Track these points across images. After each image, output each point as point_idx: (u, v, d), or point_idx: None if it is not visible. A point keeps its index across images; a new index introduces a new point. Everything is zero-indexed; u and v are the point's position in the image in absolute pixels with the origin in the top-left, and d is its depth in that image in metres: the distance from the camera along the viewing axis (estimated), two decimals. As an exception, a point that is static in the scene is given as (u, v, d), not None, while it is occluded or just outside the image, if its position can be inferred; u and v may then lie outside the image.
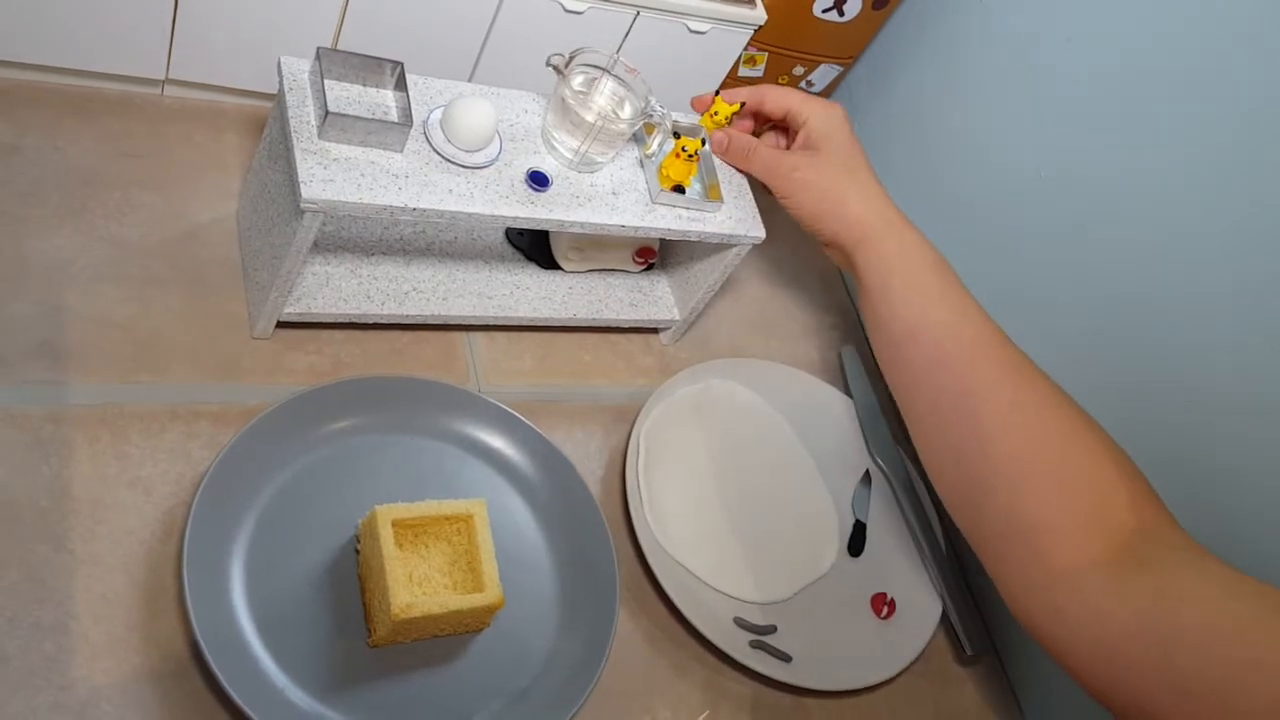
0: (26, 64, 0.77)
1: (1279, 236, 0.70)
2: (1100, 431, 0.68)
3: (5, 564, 0.61)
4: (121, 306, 0.72)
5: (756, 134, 0.84)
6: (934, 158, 0.96)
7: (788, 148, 0.82)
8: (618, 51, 0.86)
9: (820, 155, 0.78)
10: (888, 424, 0.94)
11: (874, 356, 0.78)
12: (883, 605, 0.83)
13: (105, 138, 0.78)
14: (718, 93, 0.81)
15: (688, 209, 0.78)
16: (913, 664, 0.81)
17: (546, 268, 0.86)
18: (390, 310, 0.77)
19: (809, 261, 1.05)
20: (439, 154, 0.70)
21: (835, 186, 0.77)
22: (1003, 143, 0.90)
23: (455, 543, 0.68)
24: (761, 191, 0.82)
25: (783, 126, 0.83)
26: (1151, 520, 0.64)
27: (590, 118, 0.72)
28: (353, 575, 0.68)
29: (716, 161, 0.82)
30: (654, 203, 0.77)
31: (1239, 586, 0.58)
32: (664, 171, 0.78)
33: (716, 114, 0.80)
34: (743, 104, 0.80)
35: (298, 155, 0.65)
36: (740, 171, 0.83)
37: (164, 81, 0.81)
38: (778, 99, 0.80)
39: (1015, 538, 0.66)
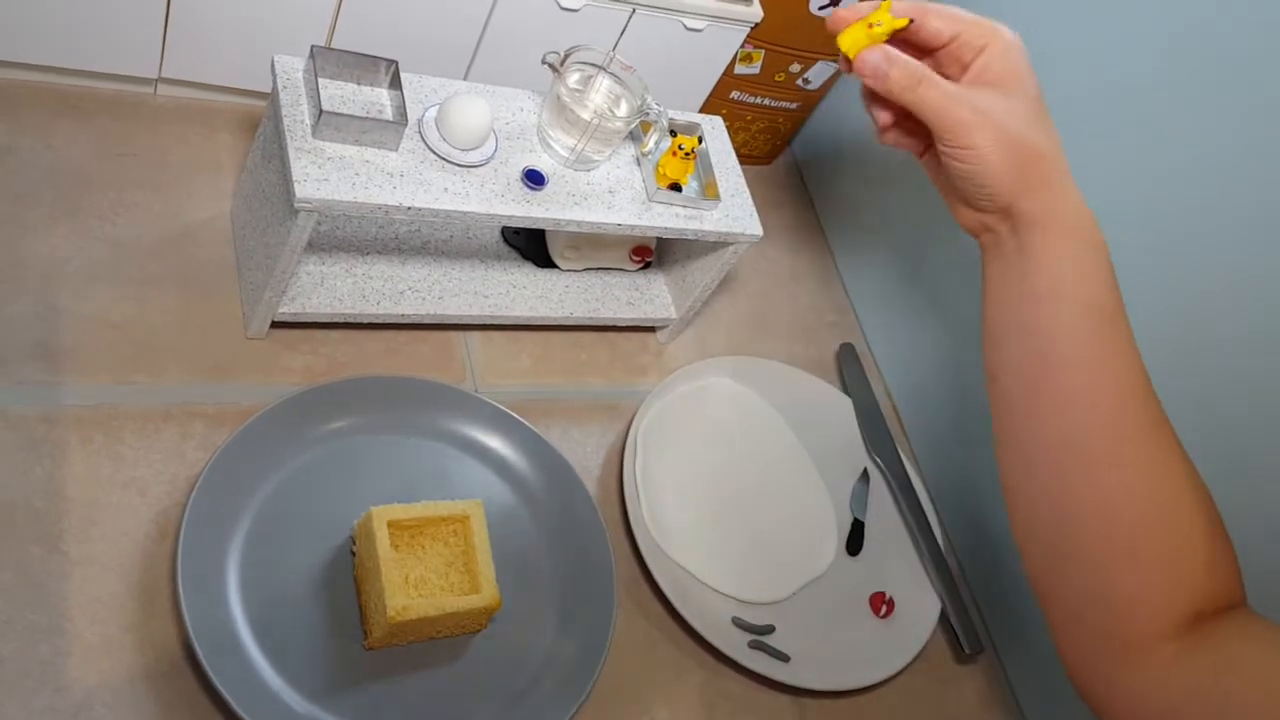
0: (19, 63, 0.76)
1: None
2: (1209, 501, 0.63)
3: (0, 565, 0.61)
4: (116, 307, 0.72)
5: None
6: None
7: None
8: (614, 49, 0.86)
9: (1010, 95, 0.61)
10: (886, 422, 0.94)
11: (986, 359, 0.66)
12: (881, 604, 0.83)
13: (99, 137, 0.78)
14: None
15: (684, 207, 0.78)
16: (912, 663, 0.81)
17: (543, 266, 0.86)
18: (386, 310, 0.77)
19: (807, 260, 1.05)
20: (434, 152, 0.70)
21: (1028, 141, 0.60)
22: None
23: (452, 544, 0.68)
24: (876, 128, 0.66)
25: (932, 60, 0.64)
26: (1231, 597, 0.62)
27: (586, 116, 0.72)
28: (348, 577, 0.67)
29: (713, 159, 0.82)
30: (650, 201, 0.77)
31: None
32: (661, 169, 0.77)
33: (876, 26, 0.62)
34: (911, 20, 0.62)
35: (292, 154, 0.65)
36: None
37: (157, 80, 0.81)
38: (945, 17, 0.62)
39: (1097, 605, 0.62)
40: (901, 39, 0.62)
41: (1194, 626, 0.60)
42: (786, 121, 1.04)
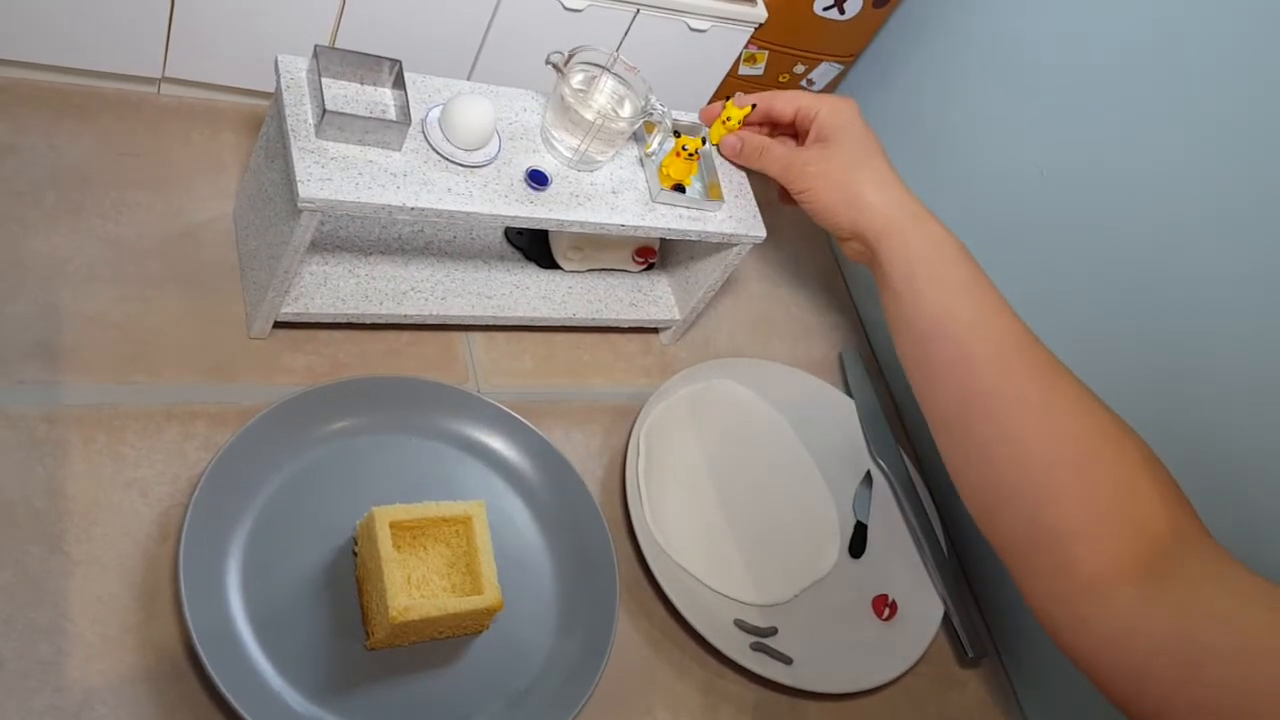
0: (22, 62, 0.76)
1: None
2: (1133, 435, 0.67)
3: (0, 565, 0.60)
4: (118, 306, 0.72)
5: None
6: (934, 155, 0.95)
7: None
8: (618, 50, 0.86)
9: (832, 146, 0.76)
10: (889, 424, 0.93)
11: (895, 353, 0.76)
12: (884, 607, 0.83)
13: (102, 137, 0.78)
14: (727, 99, 0.80)
15: (688, 208, 0.78)
16: (914, 666, 0.81)
17: (546, 267, 0.85)
18: (388, 310, 0.77)
19: (810, 261, 1.05)
20: (437, 152, 0.70)
21: (850, 177, 0.75)
22: (1003, 140, 0.89)
23: (454, 545, 0.67)
24: (775, 193, 0.82)
25: (792, 131, 0.82)
26: (1183, 529, 0.63)
27: (590, 116, 0.72)
28: (350, 577, 0.67)
29: (717, 160, 0.82)
30: (654, 202, 0.77)
31: (1270, 599, 0.57)
32: (664, 170, 0.77)
33: (729, 120, 0.80)
34: (754, 105, 0.79)
35: (295, 154, 0.65)
36: (755, 172, 0.82)
37: (160, 80, 0.81)
38: (787, 98, 0.79)
39: (1042, 546, 0.64)
40: (769, 122, 0.81)
41: (1153, 565, 0.61)
42: (790, 123, 1.03)
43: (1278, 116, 0.70)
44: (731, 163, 0.82)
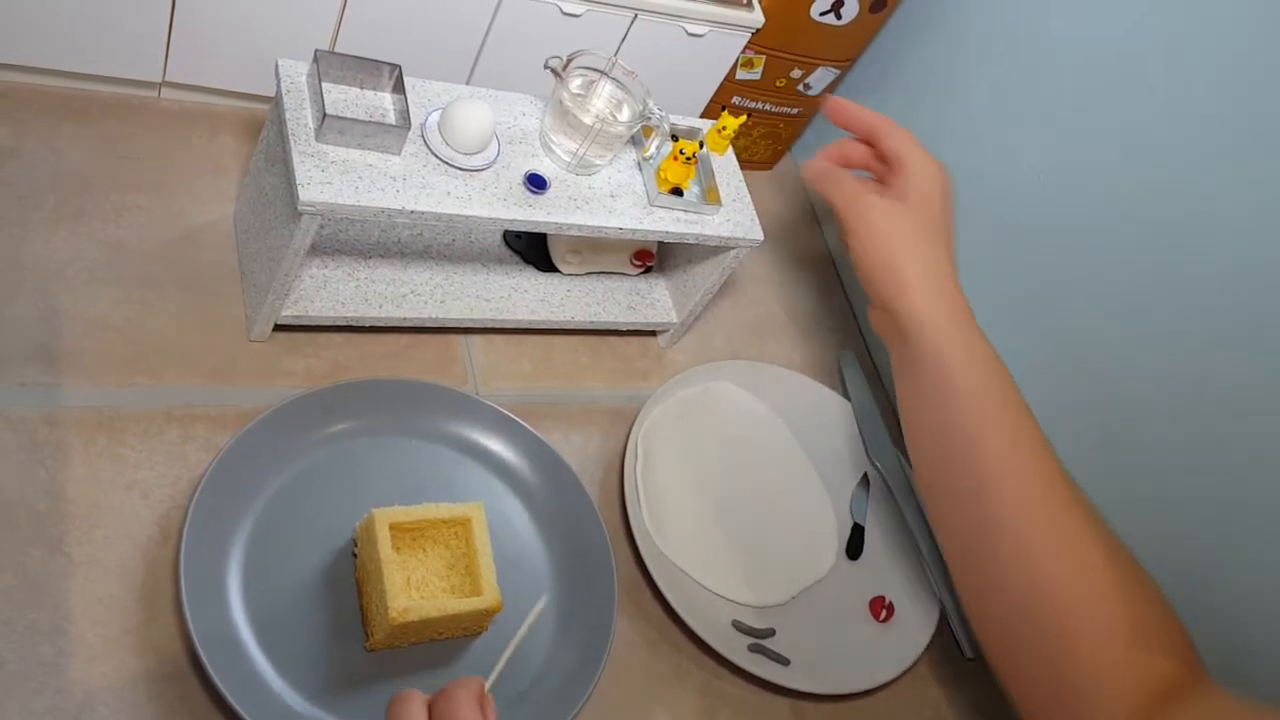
0: (24, 66, 0.77)
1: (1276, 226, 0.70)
2: (1143, 574, 0.66)
3: (0, 567, 0.61)
4: (118, 309, 0.72)
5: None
6: (932, 161, 0.96)
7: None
8: (616, 54, 0.86)
9: (905, 206, 0.72)
10: (886, 427, 0.94)
11: (902, 441, 0.72)
12: (881, 608, 0.83)
13: (103, 140, 0.78)
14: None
15: (686, 211, 0.78)
16: (911, 667, 0.81)
17: (544, 270, 0.86)
18: (388, 313, 0.77)
19: (807, 266, 1.05)
20: (437, 156, 0.70)
21: (906, 246, 0.71)
22: (1001, 144, 0.90)
23: (453, 546, 0.68)
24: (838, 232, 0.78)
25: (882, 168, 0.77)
26: (1191, 670, 0.63)
27: (588, 120, 0.72)
28: (350, 579, 0.67)
29: (714, 164, 0.82)
30: (652, 205, 0.77)
31: None
32: (662, 174, 0.78)
33: (724, 129, 0.79)
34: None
35: (295, 158, 0.65)
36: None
37: (160, 84, 0.81)
38: (894, 137, 0.75)
39: (1062, 697, 0.63)
40: (868, 145, 0.77)
41: (1155, 710, 0.60)
42: (787, 127, 1.04)
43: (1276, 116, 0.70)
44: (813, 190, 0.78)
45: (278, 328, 0.75)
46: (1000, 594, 0.66)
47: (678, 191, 0.78)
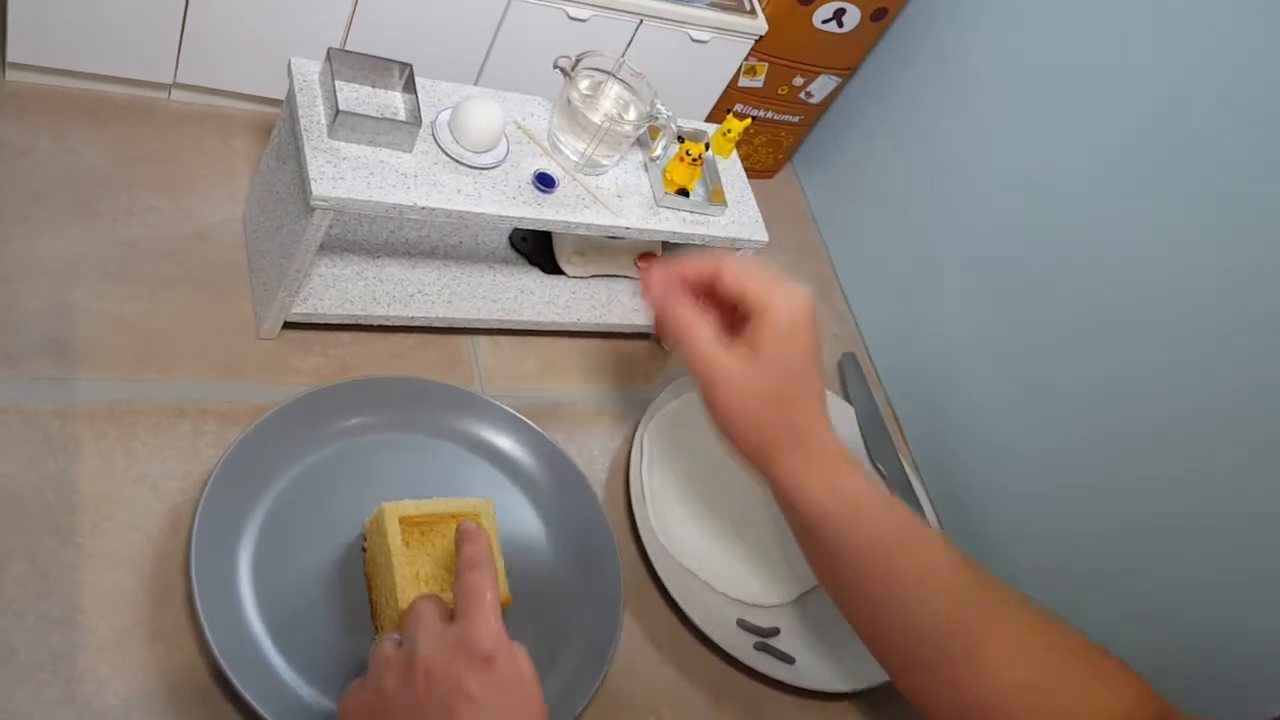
0: (38, 67, 0.77)
1: (1269, 237, 0.71)
2: (1102, 652, 0.64)
3: (12, 557, 0.61)
4: (130, 305, 0.72)
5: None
6: (933, 167, 0.97)
7: (733, 324, 0.66)
8: (623, 56, 0.87)
9: (759, 365, 0.63)
10: (888, 430, 0.94)
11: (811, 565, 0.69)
12: (885, 608, 0.84)
13: (114, 141, 0.79)
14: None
15: (692, 212, 0.79)
16: (916, 666, 0.81)
17: (550, 273, 0.87)
18: (396, 312, 0.77)
19: (808, 272, 1.06)
20: (447, 154, 0.71)
21: (763, 411, 0.63)
22: (1002, 152, 0.91)
23: (462, 540, 0.68)
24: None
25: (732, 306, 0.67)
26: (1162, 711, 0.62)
27: (597, 120, 0.73)
28: (359, 573, 0.68)
29: (720, 166, 0.83)
30: (658, 205, 0.78)
31: None
32: (668, 175, 0.79)
33: (729, 131, 0.80)
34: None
35: (308, 154, 0.66)
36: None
37: (172, 86, 0.82)
38: (735, 279, 0.65)
39: None
40: (708, 289, 0.66)
41: None
42: (789, 135, 1.05)
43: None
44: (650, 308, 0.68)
45: (287, 326, 0.75)
46: (956, 694, 0.64)
47: (684, 192, 0.79)
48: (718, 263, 0.65)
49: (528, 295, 0.85)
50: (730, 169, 0.84)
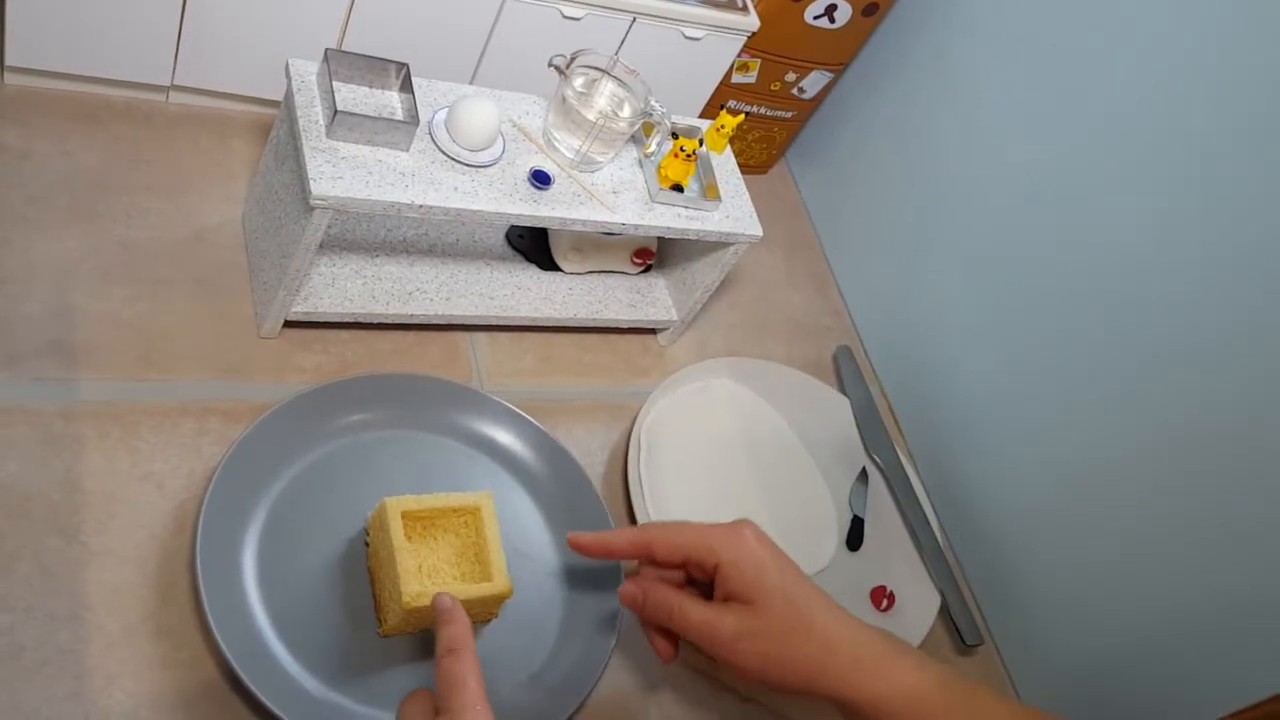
0: (36, 70, 0.78)
1: (1268, 234, 0.72)
2: None
3: (18, 556, 0.62)
4: (130, 306, 0.73)
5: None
6: (925, 162, 0.98)
7: (706, 590, 0.65)
8: (616, 56, 0.88)
9: (757, 610, 0.61)
10: (883, 422, 0.95)
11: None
12: (882, 598, 0.84)
13: (113, 143, 0.80)
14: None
15: (686, 208, 0.80)
16: (913, 654, 0.82)
17: (546, 269, 0.87)
18: (395, 310, 0.78)
19: (803, 266, 1.07)
20: (444, 153, 0.72)
21: (801, 651, 0.61)
22: (994, 146, 0.92)
23: (463, 534, 0.69)
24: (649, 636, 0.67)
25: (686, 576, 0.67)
26: None
27: (591, 117, 0.74)
28: (363, 567, 0.68)
29: (714, 162, 0.84)
30: (653, 201, 0.79)
31: None
32: (663, 171, 0.79)
33: (722, 127, 0.80)
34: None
35: (307, 153, 0.67)
36: (665, 637, 0.66)
37: (169, 88, 0.83)
38: (668, 543, 0.64)
39: None
40: (652, 563, 0.65)
41: None
42: (782, 131, 1.06)
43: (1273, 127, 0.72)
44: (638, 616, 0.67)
45: (287, 324, 0.76)
46: None
47: (678, 188, 0.80)
48: (645, 540, 0.65)
49: (525, 292, 0.85)
50: (724, 165, 0.85)
